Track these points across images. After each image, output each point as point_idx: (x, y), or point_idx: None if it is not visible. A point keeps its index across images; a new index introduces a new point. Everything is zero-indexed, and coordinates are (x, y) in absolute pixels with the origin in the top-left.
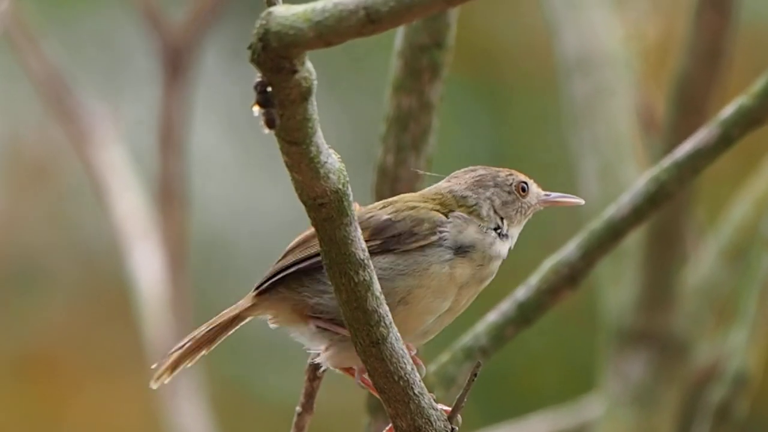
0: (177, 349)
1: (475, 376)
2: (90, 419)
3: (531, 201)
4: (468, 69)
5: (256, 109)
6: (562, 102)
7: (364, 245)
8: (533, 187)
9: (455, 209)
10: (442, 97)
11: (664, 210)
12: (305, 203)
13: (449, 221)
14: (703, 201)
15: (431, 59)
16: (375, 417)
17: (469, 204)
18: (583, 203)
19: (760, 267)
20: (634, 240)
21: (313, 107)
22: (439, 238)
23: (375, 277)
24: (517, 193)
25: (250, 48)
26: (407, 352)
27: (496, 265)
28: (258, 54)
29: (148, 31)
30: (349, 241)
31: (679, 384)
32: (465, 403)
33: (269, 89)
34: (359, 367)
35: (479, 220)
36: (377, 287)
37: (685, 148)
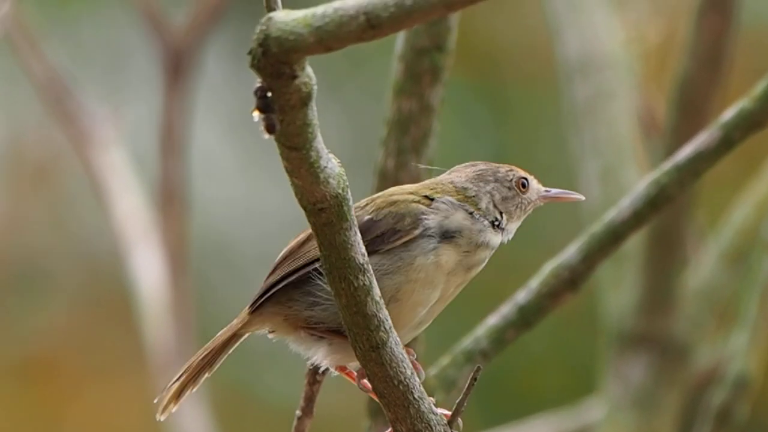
0: (175, 381)
1: (475, 379)
2: (91, 421)
3: (531, 197)
4: (469, 72)
5: (256, 115)
6: (563, 104)
7: (363, 250)
8: (533, 183)
9: (445, 195)
10: (442, 100)
11: (664, 213)
12: (305, 208)
13: (432, 210)
14: (704, 204)
15: (432, 62)
16: (375, 421)
17: (469, 195)
18: (584, 199)
19: (760, 270)
20: (634, 243)
21: (313, 112)
22: (424, 230)
23: (374, 282)
24: (518, 189)
25: (250, 53)
26: (407, 356)
27: (484, 254)
28: (258, 59)
29: (149, 34)
30: (349, 246)
31: (680, 387)
32: (465, 407)
33: (269, 94)
34: (360, 371)
35: (473, 208)
36: (377, 292)
37: (686, 151)
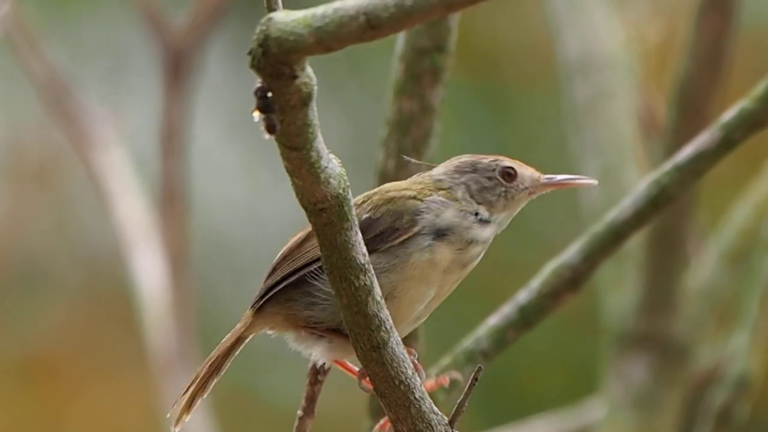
0: (185, 392)
1: (476, 379)
2: (91, 421)
3: (519, 186)
4: (469, 72)
5: (256, 115)
6: (563, 104)
7: (364, 250)
8: (524, 172)
9: (434, 193)
10: (443, 101)
11: (665, 213)
12: (306, 208)
13: (425, 206)
14: (705, 204)
15: (432, 63)
16: (376, 421)
17: (444, 188)
18: (596, 183)
19: (761, 270)
20: (635, 243)
21: (314, 112)
22: (421, 228)
23: (375, 282)
24: (501, 179)
25: (250, 53)
26: (408, 356)
27: (477, 250)
28: (258, 59)
29: (149, 34)
30: (350, 246)
31: (681, 387)
32: (466, 407)
33: (269, 95)
34: (361, 371)
35: (458, 203)
36: (378, 291)
37: (687, 151)
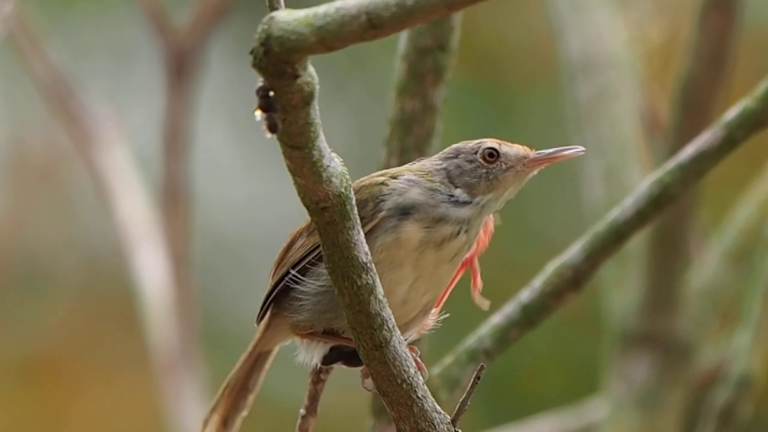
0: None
1: (478, 378)
2: (93, 421)
3: (502, 166)
4: (472, 71)
5: (258, 114)
6: (565, 104)
7: (366, 249)
8: (508, 150)
9: (406, 174)
10: (445, 100)
11: (667, 213)
12: (308, 207)
13: (389, 189)
14: (707, 204)
15: (435, 62)
16: (379, 420)
17: (424, 171)
18: (583, 150)
19: (763, 269)
20: (637, 243)
21: (316, 111)
22: (387, 212)
23: (378, 281)
24: (482, 161)
25: (252, 53)
26: (410, 355)
27: (449, 229)
28: (260, 59)
29: (152, 34)
30: (352, 245)
31: (683, 386)
32: (468, 406)
33: (271, 94)
34: (363, 370)
35: (431, 183)
36: (380, 290)
37: (689, 150)
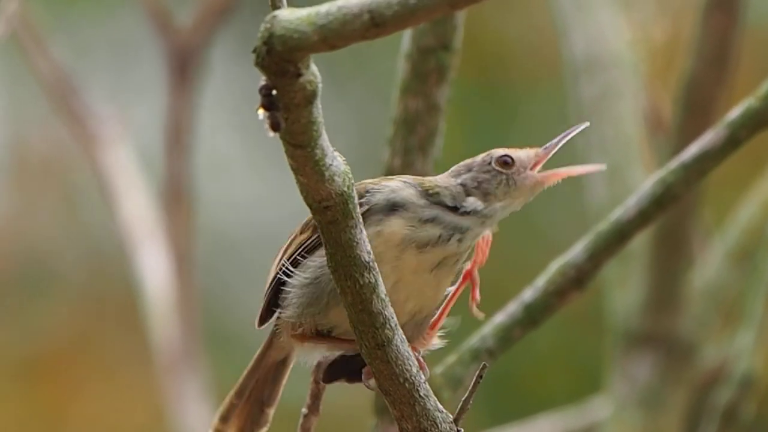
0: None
1: (481, 377)
2: (95, 420)
3: (520, 170)
4: (475, 71)
5: (261, 113)
6: (569, 104)
7: (369, 248)
8: (520, 155)
9: (398, 179)
10: (449, 100)
11: (670, 212)
12: (310, 206)
13: (377, 188)
14: (710, 203)
15: (438, 61)
16: (381, 419)
17: (432, 184)
18: (588, 125)
19: (766, 269)
20: (640, 242)
21: (318, 110)
22: (369, 207)
23: (380, 279)
24: (500, 168)
25: (254, 51)
26: (412, 354)
27: (434, 232)
28: (262, 57)
29: (155, 33)
30: (354, 244)
31: (686, 386)
32: (471, 405)
33: (274, 92)
34: (366, 369)
35: (431, 188)
36: (382, 289)
37: (692, 150)
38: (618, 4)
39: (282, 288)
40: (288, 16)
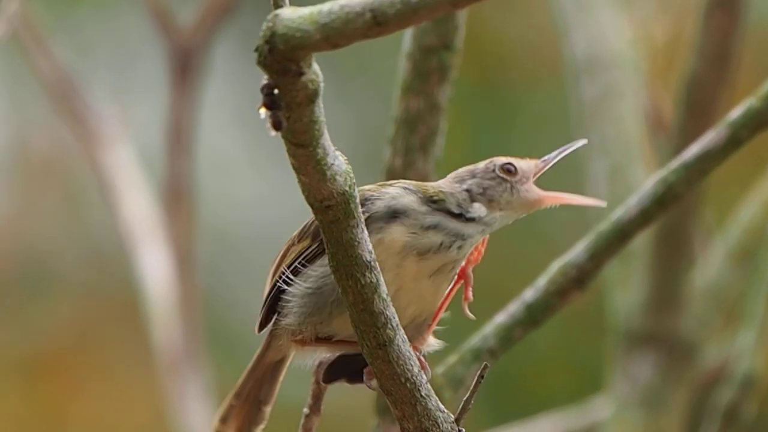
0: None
1: (482, 377)
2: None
3: (523, 180)
4: (476, 71)
5: (262, 112)
6: (570, 104)
7: (370, 247)
8: (521, 165)
9: (398, 185)
10: (450, 99)
11: (672, 212)
12: (312, 205)
13: (377, 195)
14: (711, 203)
15: (439, 61)
16: (382, 419)
17: (436, 190)
18: (586, 142)
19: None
20: (642, 242)
21: (320, 109)
22: (370, 214)
23: (381, 279)
24: (503, 175)
25: (256, 50)
26: (414, 354)
27: (435, 239)
28: (264, 56)
29: (157, 32)
30: (356, 243)
31: (687, 386)
32: (472, 405)
33: (276, 92)
34: (367, 369)
35: (434, 195)
36: (384, 289)
37: (694, 149)
38: (619, 3)
39: (281, 296)
40: (290, 14)
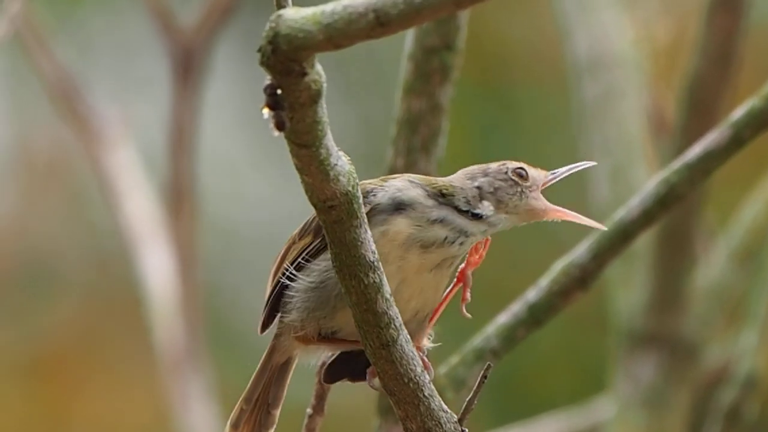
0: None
1: (485, 378)
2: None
3: (533, 186)
4: (478, 71)
5: (265, 112)
6: (572, 104)
7: (374, 247)
8: (532, 172)
9: (403, 179)
10: (452, 100)
11: (674, 212)
12: (315, 206)
13: (380, 187)
14: (714, 203)
15: (441, 62)
16: (385, 419)
17: (447, 185)
18: (595, 163)
19: None
20: (644, 242)
21: (323, 110)
22: (373, 206)
23: (385, 279)
24: (516, 179)
25: (259, 51)
26: (417, 354)
27: (440, 233)
28: (267, 57)
29: (158, 33)
30: (359, 243)
31: (690, 386)
32: (475, 405)
33: (279, 92)
34: (370, 369)
35: (442, 189)
36: (387, 289)
37: (696, 149)
38: (621, 3)
39: (284, 293)
40: (293, 15)
